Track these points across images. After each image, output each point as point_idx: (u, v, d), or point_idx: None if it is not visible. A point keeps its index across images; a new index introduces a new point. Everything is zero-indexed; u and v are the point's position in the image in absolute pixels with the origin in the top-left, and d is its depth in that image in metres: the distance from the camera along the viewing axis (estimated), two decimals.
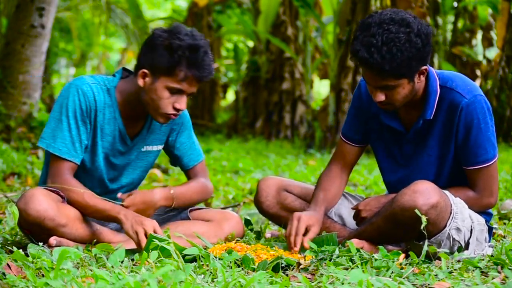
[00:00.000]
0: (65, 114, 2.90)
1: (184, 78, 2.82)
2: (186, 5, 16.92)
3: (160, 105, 2.86)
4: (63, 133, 2.89)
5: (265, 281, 2.24)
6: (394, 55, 2.62)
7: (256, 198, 3.21)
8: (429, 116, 2.85)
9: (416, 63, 2.69)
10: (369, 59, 2.64)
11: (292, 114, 12.69)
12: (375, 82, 2.73)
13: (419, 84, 2.80)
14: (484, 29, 12.25)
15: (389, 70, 2.65)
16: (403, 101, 2.79)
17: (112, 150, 3.03)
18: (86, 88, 2.92)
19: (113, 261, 2.41)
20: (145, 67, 2.87)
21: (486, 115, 2.81)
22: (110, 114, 2.97)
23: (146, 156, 3.13)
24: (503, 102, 10.65)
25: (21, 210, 2.76)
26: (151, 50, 2.86)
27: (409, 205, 2.65)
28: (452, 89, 2.83)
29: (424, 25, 2.70)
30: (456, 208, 2.75)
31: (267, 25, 12.67)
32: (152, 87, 2.85)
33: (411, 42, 2.64)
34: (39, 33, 6.93)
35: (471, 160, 2.84)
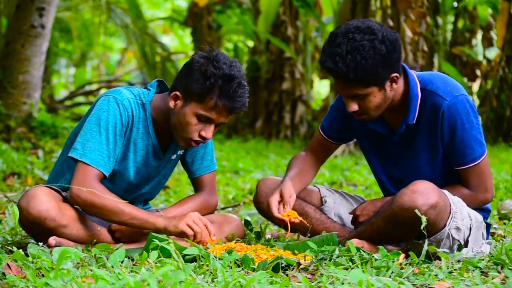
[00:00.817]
0: (105, 127, 2.84)
1: (214, 107, 2.78)
2: (186, 5, 16.92)
3: (186, 130, 2.83)
4: (101, 146, 2.83)
5: (265, 281, 2.23)
6: (359, 63, 2.65)
7: (256, 199, 3.21)
8: (412, 121, 2.85)
9: (383, 70, 2.70)
10: (335, 68, 2.68)
11: (292, 114, 12.69)
12: (345, 92, 2.76)
13: (392, 92, 2.80)
14: (484, 29, 12.25)
15: (354, 78, 2.67)
16: (377, 110, 2.80)
17: (145, 165, 3.01)
18: (126, 103, 2.88)
19: (113, 261, 2.41)
20: (178, 89, 2.84)
21: (469, 114, 2.80)
22: (144, 128, 2.94)
23: (169, 163, 3.12)
24: (503, 102, 10.65)
25: (23, 208, 2.75)
26: (186, 73, 2.83)
27: (409, 205, 2.65)
28: (432, 91, 2.82)
29: (390, 32, 2.72)
30: (456, 207, 2.76)
31: (267, 25, 12.67)
32: (182, 111, 2.82)
33: (375, 49, 2.66)
34: (39, 33, 6.93)
35: (460, 160, 2.85)
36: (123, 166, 2.97)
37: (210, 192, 3.19)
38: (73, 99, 15.90)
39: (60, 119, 7.99)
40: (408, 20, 9.84)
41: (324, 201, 3.21)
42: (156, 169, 3.07)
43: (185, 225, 2.80)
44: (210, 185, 3.19)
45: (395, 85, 2.79)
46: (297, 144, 11.37)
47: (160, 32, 20.52)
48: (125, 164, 2.97)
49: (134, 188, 3.06)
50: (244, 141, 11.83)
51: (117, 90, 2.92)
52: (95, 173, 2.82)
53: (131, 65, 22.60)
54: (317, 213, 3.16)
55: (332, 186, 5.91)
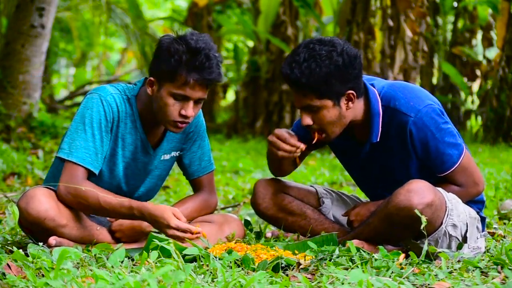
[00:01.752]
0: (89, 125, 2.83)
1: (186, 83, 2.75)
2: (186, 5, 16.92)
3: (166, 112, 2.80)
4: (87, 143, 2.82)
5: (265, 281, 2.24)
6: (312, 70, 2.68)
7: (253, 200, 3.20)
8: (375, 139, 2.85)
9: (337, 83, 2.71)
10: (290, 74, 2.71)
11: (292, 114, 12.68)
12: (299, 102, 2.77)
13: (351, 111, 2.80)
14: (484, 29, 12.25)
15: (306, 84, 2.69)
16: (333, 127, 2.79)
17: (133, 160, 2.99)
18: (110, 99, 2.87)
19: (113, 261, 2.41)
20: (152, 75, 2.84)
21: (437, 123, 2.79)
22: (132, 123, 2.93)
23: (164, 164, 3.09)
24: (503, 102, 10.64)
25: (22, 209, 2.75)
26: (156, 57, 2.82)
27: (404, 205, 2.66)
28: (395, 109, 2.81)
29: (352, 48, 2.75)
30: (451, 204, 2.76)
31: (267, 25, 12.67)
32: (158, 94, 2.81)
33: (331, 60, 2.69)
34: (39, 33, 6.93)
35: (440, 168, 2.85)
36: (112, 162, 2.96)
37: (209, 192, 3.18)
38: (73, 99, 15.89)
39: (60, 119, 7.99)
40: (408, 20, 9.84)
41: (322, 201, 3.21)
42: (146, 166, 3.03)
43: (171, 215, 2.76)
44: (209, 185, 3.18)
45: (352, 104, 2.78)
46: None
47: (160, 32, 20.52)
48: (114, 160, 2.96)
49: (127, 187, 3.04)
50: (244, 141, 11.83)
51: (101, 87, 2.92)
52: (82, 171, 2.81)
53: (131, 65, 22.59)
54: (316, 214, 3.16)
55: (332, 186, 5.91)
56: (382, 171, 2.97)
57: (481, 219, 2.97)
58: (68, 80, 22.35)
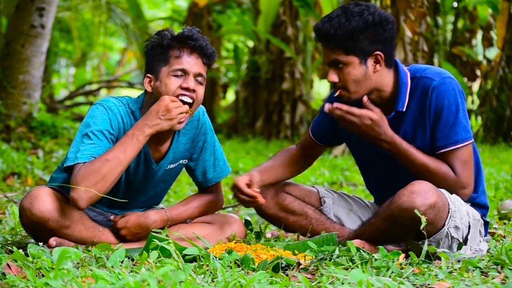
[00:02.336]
0: (93, 133, 2.79)
1: (179, 55, 2.82)
2: (186, 5, 16.92)
3: (168, 90, 2.81)
4: (93, 148, 2.76)
5: (265, 281, 2.24)
6: (342, 24, 2.75)
7: None
8: (401, 108, 2.85)
9: (364, 39, 2.75)
10: (321, 27, 2.78)
11: (292, 114, 12.69)
12: (327, 57, 2.82)
13: (377, 75, 2.81)
14: (484, 29, 12.25)
15: (334, 37, 2.74)
16: (357, 87, 2.80)
17: (135, 171, 2.97)
18: (116, 110, 2.87)
19: (113, 261, 2.42)
20: (147, 72, 2.88)
21: (456, 97, 2.81)
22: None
23: (170, 172, 3.09)
24: (503, 102, 10.65)
25: (26, 209, 2.74)
26: (146, 57, 2.91)
27: (407, 206, 2.65)
28: (422, 76, 2.86)
29: (386, 13, 2.81)
30: (454, 206, 2.75)
31: (267, 25, 12.67)
32: (158, 84, 2.83)
33: (362, 16, 2.75)
34: (39, 33, 6.93)
35: (442, 141, 2.82)
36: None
37: (217, 194, 3.19)
38: (73, 99, 15.91)
39: (60, 119, 7.99)
40: (408, 20, 9.84)
41: (323, 201, 3.21)
42: (148, 178, 3.02)
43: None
44: (217, 189, 3.19)
45: (379, 67, 2.80)
46: None
47: None
48: None
49: (129, 197, 3.02)
50: (244, 141, 11.84)
51: (106, 99, 2.92)
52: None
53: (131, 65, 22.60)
54: (317, 214, 3.16)
55: (332, 186, 5.91)
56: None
57: (484, 224, 2.97)
58: (68, 80, 22.37)
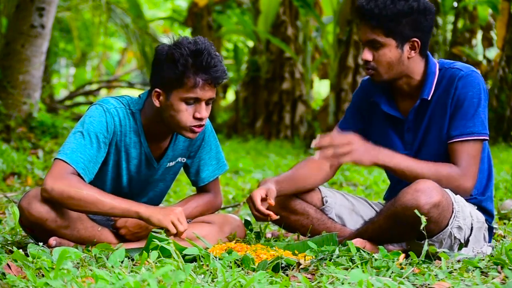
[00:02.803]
0: (88, 133, 2.81)
1: (195, 85, 2.75)
2: (186, 5, 16.92)
3: (181, 119, 2.79)
4: (84, 149, 2.79)
5: (265, 281, 2.23)
6: (387, 5, 2.79)
7: None
8: (427, 96, 2.88)
9: (406, 24, 2.80)
10: (365, 5, 2.82)
11: (292, 114, 12.69)
12: (365, 35, 2.85)
13: (410, 62, 2.86)
14: (484, 29, 12.25)
15: (377, 16, 2.79)
16: (389, 69, 2.85)
17: (137, 173, 2.99)
18: (114, 112, 2.87)
19: (113, 261, 2.42)
20: (157, 86, 2.82)
21: (480, 91, 2.84)
22: (136, 138, 2.92)
23: (169, 170, 3.09)
24: (503, 102, 10.65)
25: (24, 209, 2.74)
26: (157, 67, 2.82)
27: (411, 204, 2.65)
28: (450, 67, 2.90)
29: (429, 3, 2.85)
30: (458, 206, 2.75)
31: (267, 25, 12.67)
32: (168, 103, 2.80)
33: (407, 1, 2.81)
34: (39, 33, 6.93)
35: (457, 131, 2.82)
36: (116, 174, 2.96)
37: (216, 193, 3.18)
38: (73, 99, 15.90)
39: (60, 119, 7.99)
40: None
41: (325, 201, 3.21)
42: (150, 178, 3.04)
43: (169, 222, 2.74)
44: (215, 188, 3.18)
45: (414, 54, 2.85)
46: (297, 144, 11.36)
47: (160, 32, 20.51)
48: (119, 172, 2.96)
49: (130, 198, 3.03)
50: (244, 141, 11.83)
51: (106, 99, 2.91)
52: (72, 170, 2.76)
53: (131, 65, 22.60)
54: (318, 213, 3.16)
55: (332, 186, 5.91)
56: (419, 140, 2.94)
57: (489, 229, 2.96)
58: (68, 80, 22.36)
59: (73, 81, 21.23)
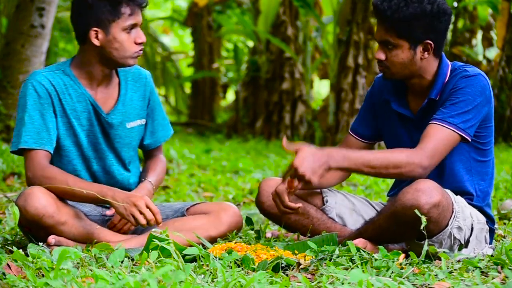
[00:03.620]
0: (23, 109, 2.90)
1: (131, 12, 2.88)
2: (186, 5, 16.92)
3: (126, 48, 2.90)
4: (26, 127, 2.88)
5: (265, 281, 2.24)
6: (400, 8, 2.77)
7: (258, 199, 3.21)
8: (435, 96, 2.88)
9: (419, 26, 2.79)
10: (379, 5, 2.82)
11: (292, 114, 12.68)
12: (379, 34, 2.86)
13: (423, 62, 2.86)
14: (484, 29, 12.25)
15: (390, 18, 2.78)
16: (402, 69, 2.85)
17: (91, 125, 3.00)
18: (40, 78, 2.93)
19: (113, 261, 2.42)
20: (91, 26, 2.89)
21: (480, 94, 2.81)
22: (76, 91, 2.97)
23: (131, 132, 3.10)
24: (503, 102, 10.65)
25: (20, 207, 2.76)
26: (85, 10, 2.89)
27: (411, 204, 2.65)
28: (460, 69, 2.90)
29: (446, 4, 2.83)
30: (458, 206, 2.76)
31: (267, 25, 12.66)
32: (110, 38, 2.89)
33: (421, 4, 2.78)
34: (39, 33, 6.93)
35: (439, 115, 2.80)
36: (73, 135, 2.99)
37: (162, 154, 3.27)
38: None
39: None
40: None
41: (326, 200, 3.20)
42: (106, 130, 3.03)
43: (137, 211, 2.80)
44: (162, 148, 3.27)
45: (427, 55, 2.85)
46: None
47: (160, 32, 20.52)
48: (73, 131, 2.98)
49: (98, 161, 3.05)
50: (244, 141, 11.83)
51: (32, 72, 3.00)
52: (40, 155, 2.87)
53: None
54: (318, 213, 3.16)
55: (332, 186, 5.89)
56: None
57: (490, 231, 2.96)
58: None
59: None
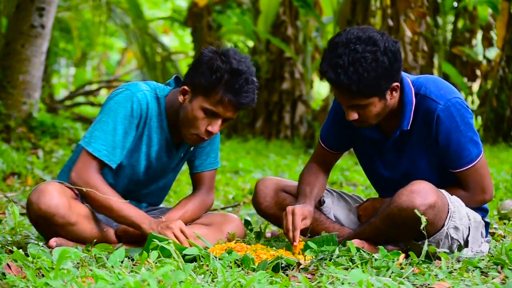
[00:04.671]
0: (113, 118, 2.84)
1: (220, 102, 2.76)
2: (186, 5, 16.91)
3: (194, 124, 2.82)
4: (106, 136, 2.83)
5: (265, 281, 2.24)
6: (361, 76, 2.63)
7: (255, 199, 3.21)
8: (406, 127, 2.85)
9: (385, 82, 2.70)
10: (336, 80, 2.65)
11: (292, 114, 12.68)
12: (346, 102, 2.75)
13: (392, 100, 2.80)
14: (484, 29, 12.24)
15: (356, 91, 2.66)
16: (377, 118, 2.80)
17: (157, 159, 3.01)
18: (141, 96, 2.88)
19: (113, 261, 2.42)
20: (187, 84, 2.84)
21: (464, 116, 2.79)
22: (159, 123, 2.94)
23: (182, 161, 3.13)
24: (503, 102, 10.64)
25: (33, 202, 2.75)
26: (195, 67, 2.83)
27: (407, 206, 2.65)
28: (426, 96, 2.81)
29: (392, 41, 2.70)
30: (454, 207, 2.76)
31: (267, 25, 12.67)
32: (189, 105, 2.82)
33: (377, 62, 2.64)
34: (39, 33, 6.93)
35: (456, 163, 2.83)
36: (135, 159, 2.97)
37: (207, 191, 3.18)
38: (73, 99, 15.90)
39: (60, 119, 7.99)
40: (408, 20, 9.83)
41: (323, 201, 3.21)
42: (167, 166, 3.06)
43: (171, 234, 2.78)
44: (209, 183, 3.18)
45: (395, 94, 2.79)
46: (297, 144, 11.35)
47: (160, 32, 20.52)
48: (136, 156, 2.97)
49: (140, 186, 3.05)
50: (244, 141, 11.82)
51: (133, 83, 2.92)
52: (96, 162, 2.83)
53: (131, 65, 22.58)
54: (316, 214, 3.16)
55: (332, 186, 5.90)
56: (405, 162, 2.94)
57: (485, 225, 2.97)
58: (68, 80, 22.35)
59: (73, 81, 21.22)
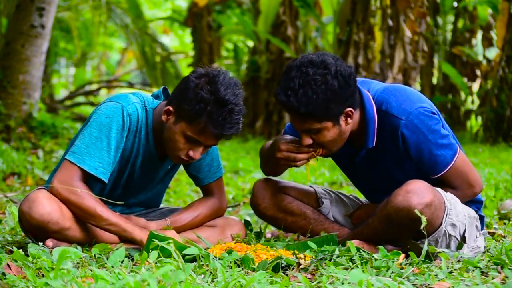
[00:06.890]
0: (106, 134, 2.78)
1: (202, 131, 2.73)
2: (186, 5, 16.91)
3: (175, 147, 2.79)
4: (101, 153, 2.77)
5: (265, 281, 2.24)
6: (310, 98, 2.64)
7: (253, 201, 3.20)
8: (371, 144, 2.84)
9: (336, 105, 2.69)
10: (286, 102, 2.67)
11: None
12: (299, 126, 2.75)
13: (349, 126, 2.79)
14: (484, 29, 12.24)
15: (306, 113, 2.66)
16: (335, 144, 2.79)
17: (141, 169, 2.97)
18: (132, 108, 2.83)
19: (113, 261, 2.42)
20: (172, 104, 2.80)
21: (428, 125, 2.77)
22: (145, 135, 2.91)
23: (170, 171, 3.10)
24: (503, 102, 10.64)
25: (25, 213, 2.72)
26: (181, 91, 2.78)
27: (403, 206, 2.66)
28: (387, 112, 2.80)
29: (344, 66, 2.69)
30: (450, 204, 2.77)
31: (267, 25, 12.66)
32: (172, 127, 2.78)
33: (327, 84, 2.65)
34: (39, 33, 6.93)
35: (434, 169, 2.83)
36: (120, 169, 2.94)
37: (220, 197, 3.16)
38: (73, 99, 15.91)
39: (60, 119, 7.99)
40: (408, 20, 9.84)
41: (321, 202, 3.21)
42: (152, 178, 3.03)
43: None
44: (219, 190, 3.16)
45: (350, 120, 2.77)
46: None
47: (160, 32, 20.52)
48: (122, 167, 2.94)
49: (127, 195, 3.03)
50: (244, 141, 11.82)
51: (123, 95, 2.88)
52: (80, 172, 2.76)
53: (131, 65, 22.59)
54: (315, 214, 3.16)
55: (332, 186, 5.90)
56: (380, 175, 2.96)
57: (480, 218, 2.97)
58: (68, 80, 22.35)
59: (73, 81, 21.22)
